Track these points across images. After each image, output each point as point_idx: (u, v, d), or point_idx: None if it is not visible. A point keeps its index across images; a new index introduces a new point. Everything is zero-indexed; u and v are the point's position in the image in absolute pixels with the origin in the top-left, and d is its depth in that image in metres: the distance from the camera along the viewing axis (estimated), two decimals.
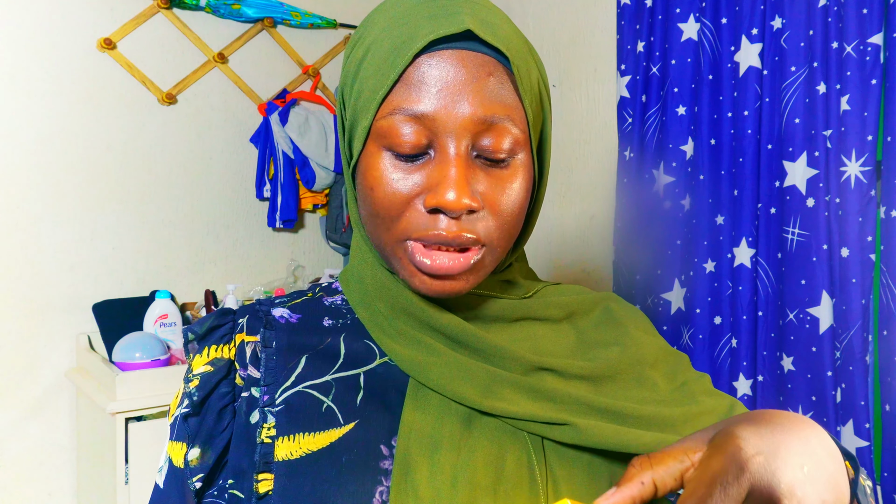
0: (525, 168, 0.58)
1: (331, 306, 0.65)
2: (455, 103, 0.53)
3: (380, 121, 0.55)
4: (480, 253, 0.56)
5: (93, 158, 2.04)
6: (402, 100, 0.54)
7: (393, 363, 0.60)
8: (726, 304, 1.64)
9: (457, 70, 0.53)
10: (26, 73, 1.93)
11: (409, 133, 0.53)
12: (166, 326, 1.95)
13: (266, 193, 2.31)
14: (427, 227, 0.54)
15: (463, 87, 0.53)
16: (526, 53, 0.58)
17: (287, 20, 2.34)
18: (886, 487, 1.38)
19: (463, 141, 0.54)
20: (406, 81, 0.54)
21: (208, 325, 0.63)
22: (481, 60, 0.54)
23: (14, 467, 1.94)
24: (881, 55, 1.38)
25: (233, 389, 0.60)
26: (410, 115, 0.53)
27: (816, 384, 1.47)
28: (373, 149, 0.56)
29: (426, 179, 0.54)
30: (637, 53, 1.80)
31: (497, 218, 0.56)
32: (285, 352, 0.60)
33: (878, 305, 1.41)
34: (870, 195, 1.41)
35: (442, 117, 0.53)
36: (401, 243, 0.56)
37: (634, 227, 1.82)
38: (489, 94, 0.54)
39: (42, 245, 1.97)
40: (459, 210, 0.53)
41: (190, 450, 0.59)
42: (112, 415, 1.64)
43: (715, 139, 1.66)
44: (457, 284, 0.56)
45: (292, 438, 0.56)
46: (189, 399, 0.60)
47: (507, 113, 0.55)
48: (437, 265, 0.54)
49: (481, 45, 0.55)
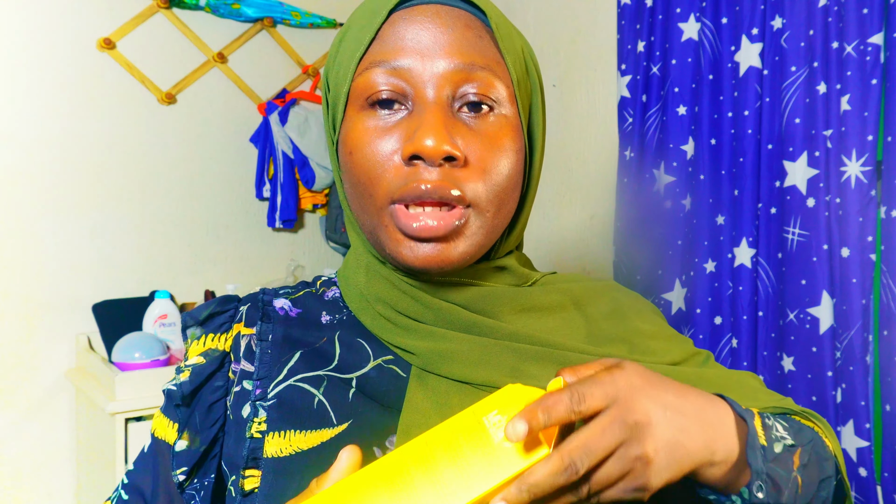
0: (513, 128, 0.55)
1: (330, 300, 0.64)
2: (432, 53, 0.52)
3: (357, 79, 0.53)
4: (467, 214, 0.53)
5: (93, 158, 2.04)
6: (378, 54, 0.53)
7: (387, 366, 0.58)
8: (726, 304, 1.64)
9: (433, 21, 0.53)
10: (26, 73, 1.93)
11: (386, 83, 0.52)
12: (166, 326, 1.95)
13: (266, 193, 2.31)
14: (406, 180, 0.51)
15: (439, 37, 0.52)
16: (505, 20, 0.57)
17: (287, 20, 2.34)
18: (886, 487, 1.38)
19: (442, 91, 0.52)
20: (381, 38, 0.53)
21: (209, 311, 0.61)
22: (457, 13, 0.54)
23: (14, 467, 1.94)
24: (881, 55, 1.38)
25: (226, 384, 0.58)
26: (387, 68, 0.52)
27: (817, 384, 1.47)
28: (352, 113, 0.54)
29: (404, 132, 0.52)
30: (637, 53, 1.80)
31: (483, 175, 0.53)
32: (280, 345, 0.59)
33: (878, 305, 1.41)
34: (870, 195, 1.41)
35: (418, 68, 0.52)
36: (385, 210, 0.53)
37: (635, 227, 1.82)
38: (467, 44, 0.53)
39: (42, 245, 1.97)
40: (437, 155, 0.50)
41: (178, 440, 0.58)
42: (112, 415, 1.64)
43: (715, 139, 1.66)
44: (446, 248, 0.53)
45: (283, 435, 0.55)
46: (179, 389, 0.58)
47: (487, 63, 0.53)
48: (420, 226, 0.51)
49: (458, 2, 0.54)
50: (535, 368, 0.56)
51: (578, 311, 0.64)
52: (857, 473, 1.41)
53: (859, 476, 1.41)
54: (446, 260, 0.53)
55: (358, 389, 0.57)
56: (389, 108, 0.53)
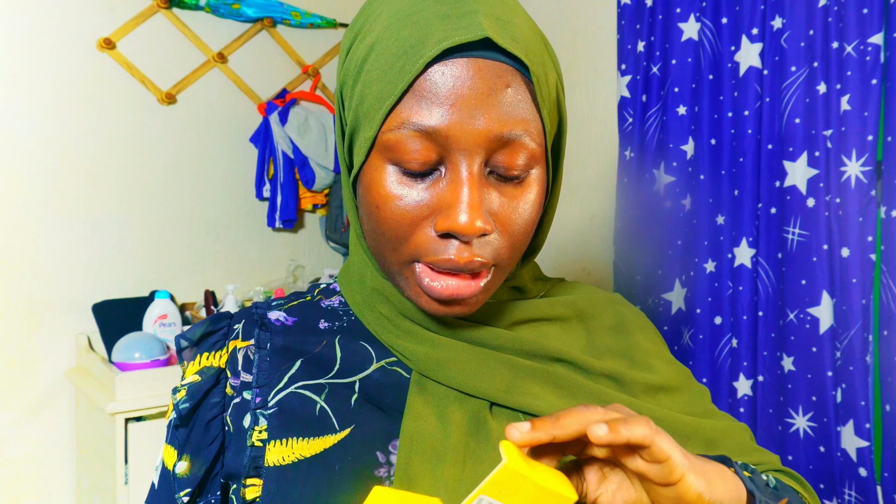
0: (539, 182, 0.54)
1: (328, 308, 0.63)
2: (470, 118, 0.48)
3: (386, 133, 0.50)
4: (490, 274, 0.53)
5: (93, 158, 2.04)
6: (412, 112, 0.49)
7: (390, 367, 0.58)
8: (727, 305, 1.64)
9: (473, 81, 0.48)
10: (26, 73, 1.93)
11: (419, 149, 0.49)
12: (166, 326, 1.95)
13: (266, 193, 2.31)
14: (437, 251, 0.50)
15: (479, 101, 0.48)
16: (544, 55, 0.54)
17: (287, 20, 2.34)
18: (886, 488, 1.38)
19: (476, 159, 0.49)
20: (416, 91, 0.49)
21: (202, 331, 0.60)
22: (499, 70, 0.49)
23: (14, 467, 1.94)
24: (881, 55, 1.38)
25: (223, 400, 0.58)
26: (420, 129, 0.48)
27: (817, 384, 1.47)
28: (378, 162, 0.51)
29: (436, 200, 0.50)
30: (637, 53, 1.80)
31: (508, 237, 0.52)
32: (280, 353, 0.58)
33: (878, 305, 1.41)
34: (870, 195, 1.41)
35: (455, 133, 0.48)
36: (408, 265, 0.52)
37: (635, 227, 1.82)
38: (506, 109, 0.49)
39: (42, 245, 1.97)
40: (472, 234, 0.49)
41: (178, 461, 0.57)
42: (112, 415, 1.64)
43: (715, 139, 1.66)
44: (465, 307, 0.53)
45: (285, 443, 0.54)
46: (176, 410, 0.57)
47: (525, 128, 0.50)
48: (447, 291, 0.51)
49: (499, 54, 0.50)
50: (530, 385, 0.56)
51: (581, 323, 0.64)
52: (857, 473, 1.41)
53: (859, 476, 1.41)
54: (463, 313, 0.54)
55: (360, 394, 0.57)
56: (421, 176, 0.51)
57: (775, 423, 1.55)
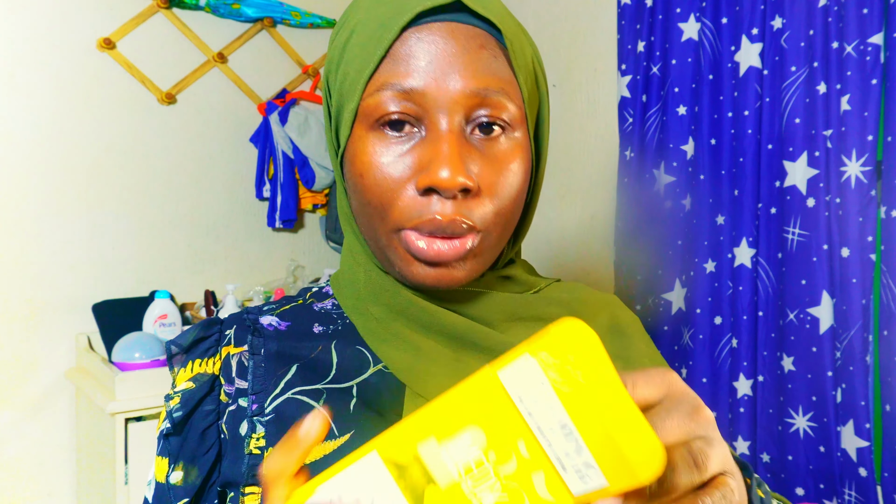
0: (523, 149, 0.54)
1: (321, 311, 0.62)
2: (446, 76, 0.50)
3: (367, 99, 0.51)
4: (476, 239, 0.52)
5: (92, 158, 2.04)
6: (390, 75, 0.50)
7: (388, 370, 0.57)
8: (727, 304, 1.64)
9: (447, 42, 0.50)
10: (26, 73, 1.93)
11: (398, 109, 0.50)
12: (166, 326, 1.95)
13: (266, 193, 2.31)
14: (421, 213, 0.50)
15: (454, 60, 0.50)
16: (518, 30, 0.55)
17: (287, 20, 2.34)
18: (886, 488, 1.38)
19: (456, 116, 0.50)
20: (393, 57, 0.51)
21: (193, 336, 0.59)
22: (472, 32, 0.51)
23: (14, 467, 1.94)
24: (881, 55, 1.38)
25: (217, 407, 0.57)
26: (399, 90, 0.50)
27: (817, 384, 1.47)
28: (360, 132, 0.53)
29: (417, 160, 0.51)
30: (637, 53, 1.80)
31: (494, 201, 0.52)
32: (275, 359, 0.57)
33: (878, 305, 1.41)
34: (870, 195, 1.41)
35: (432, 91, 0.50)
36: (395, 233, 0.52)
37: (635, 227, 1.82)
38: (482, 67, 0.51)
39: (42, 245, 1.97)
40: (454, 188, 0.49)
41: (172, 471, 0.56)
42: (112, 415, 1.64)
43: (715, 139, 1.66)
44: (454, 272, 0.53)
45: None
46: (169, 418, 0.56)
47: (502, 86, 0.52)
48: (433, 251, 0.51)
49: (472, 18, 0.52)
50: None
51: None
52: (857, 473, 1.41)
53: (859, 476, 1.41)
54: (454, 279, 0.53)
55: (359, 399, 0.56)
56: (400, 131, 0.52)
57: (775, 423, 1.55)
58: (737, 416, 1.61)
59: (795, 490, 1.52)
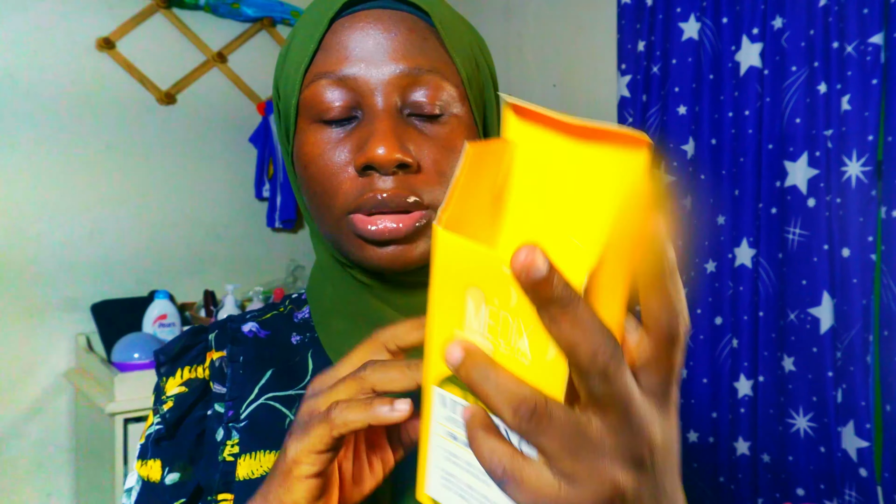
0: (466, 128, 0.54)
1: (299, 321, 0.62)
2: (376, 59, 0.51)
3: (304, 92, 0.53)
4: (428, 216, 0.52)
5: (92, 158, 2.04)
6: (322, 65, 0.52)
7: None
8: (727, 305, 1.64)
9: (375, 27, 0.52)
10: (26, 73, 1.93)
11: (334, 98, 0.51)
12: (165, 327, 1.95)
13: (265, 193, 2.31)
14: (363, 192, 0.51)
15: (383, 43, 0.51)
16: (453, 17, 0.56)
17: (286, 20, 2.33)
18: (887, 488, 1.37)
19: (391, 97, 0.51)
20: (325, 48, 0.52)
21: (180, 345, 0.60)
22: (400, 17, 0.52)
23: (13, 468, 1.94)
24: (881, 55, 1.38)
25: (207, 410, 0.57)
26: (333, 79, 0.51)
27: (817, 385, 1.47)
28: (303, 125, 0.53)
29: (356, 142, 0.51)
30: (637, 53, 1.80)
31: (439, 178, 0.52)
32: (252, 365, 0.58)
33: (878, 306, 1.41)
34: (870, 195, 1.41)
35: (363, 75, 0.51)
36: (343, 220, 0.52)
37: None
38: (411, 48, 0.52)
39: (41, 245, 1.97)
40: (389, 163, 0.49)
41: (168, 473, 0.55)
42: (111, 415, 1.64)
43: (716, 139, 1.66)
44: (408, 251, 0.52)
45: (254, 456, 0.53)
46: (163, 420, 0.56)
47: (434, 65, 0.52)
48: (380, 228, 0.50)
49: (400, 4, 0.53)
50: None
51: None
52: (858, 474, 1.41)
53: (859, 476, 1.41)
54: (408, 259, 0.52)
55: None
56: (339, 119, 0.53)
57: (776, 424, 1.55)
58: (737, 416, 1.60)
59: (796, 490, 1.52)
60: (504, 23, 2.26)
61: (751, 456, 1.59)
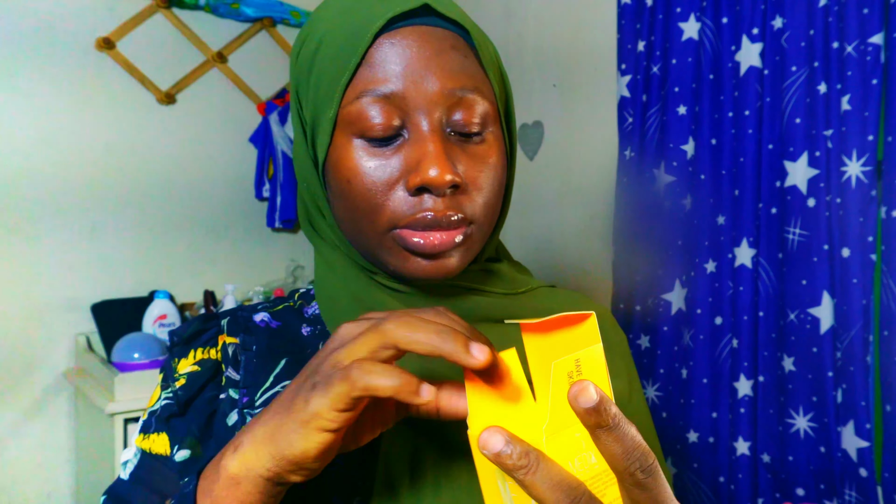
0: (499, 143, 0.56)
1: (310, 315, 0.63)
2: (423, 78, 0.52)
3: (346, 107, 0.53)
4: (468, 230, 0.54)
5: (92, 158, 2.04)
6: (368, 82, 0.52)
7: None
8: (727, 305, 1.64)
9: (420, 45, 0.52)
10: (26, 73, 1.93)
11: (380, 115, 0.52)
12: (165, 327, 1.95)
13: (265, 193, 2.31)
14: (414, 209, 0.52)
15: (428, 62, 0.52)
16: (481, 32, 0.58)
17: (286, 20, 2.34)
18: (887, 488, 1.37)
19: (435, 115, 0.52)
20: (369, 63, 0.52)
21: (193, 329, 0.61)
22: (442, 34, 0.53)
23: (13, 468, 1.94)
24: (882, 55, 1.38)
25: (218, 391, 0.58)
26: (378, 96, 0.52)
27: (817, 385, 1.47)
28: (342, 140, 0.54)
29: (405, 161, 0.52)
30: (637, 53, 1.80)
31: (480, 194, 0.54)
32: (265, 354, 0.59)
33: (878, 306, 1.41)
34: (871, 195, 1.41)
35: (411, 94, 0.52)
36: (387, 234, 0.54)
37: (635, 227, 1.81)
38: (455, 67, 0.53)
39: (41, 245, 1.97)
40: (445, 185, 0.51)
41: (178, 450, 0.56)
42: (111, 416, 1.63)
43: (716, 139, 1.66)
44: (450, 262, 0.54)
45: None
46: (175, 397, 0.57)
47: (475, 85, 0.54)
48: (431, 243, 0.52)
49: (440, 20, 0.54)
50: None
51: None
52: (858, 474, 1.41)
53: (859, 476, 1.41)
54: (449, 269, 0.54)
55: None
56: (384, 137, 0.53)
57: (776, 424, 1.55)
58: (737, 416, 1.60)
59: (796, 490, 1.52)
60: (504, 23, 2.26)
61: (751, 456, 1.59)
